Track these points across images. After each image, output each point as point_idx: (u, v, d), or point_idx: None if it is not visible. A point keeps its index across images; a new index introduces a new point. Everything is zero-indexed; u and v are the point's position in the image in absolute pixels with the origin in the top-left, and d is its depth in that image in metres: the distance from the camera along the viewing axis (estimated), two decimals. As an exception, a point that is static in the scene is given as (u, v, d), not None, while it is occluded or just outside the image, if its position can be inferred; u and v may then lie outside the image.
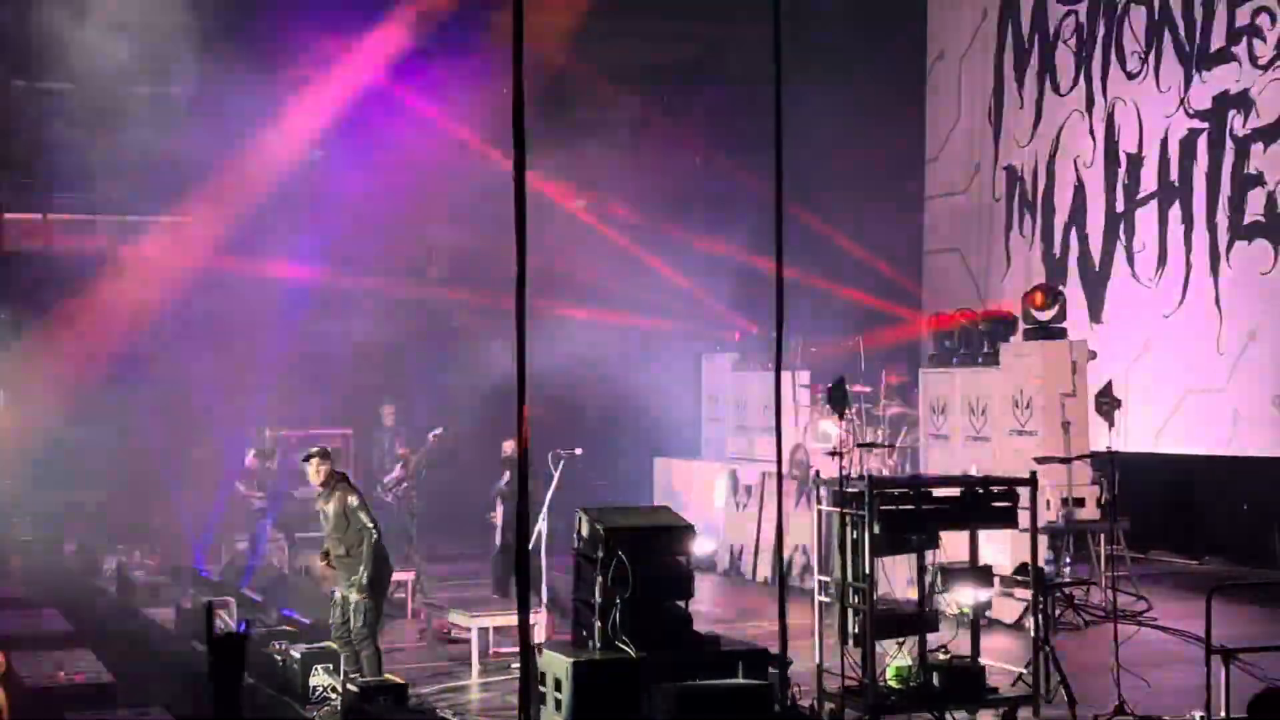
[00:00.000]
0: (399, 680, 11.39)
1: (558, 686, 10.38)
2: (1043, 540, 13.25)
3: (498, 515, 16.46)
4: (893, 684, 10.82)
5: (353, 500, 12.05)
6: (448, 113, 21.79)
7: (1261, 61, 18.27)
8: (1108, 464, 14.43)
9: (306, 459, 12.28)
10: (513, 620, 11.93)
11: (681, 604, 10.88)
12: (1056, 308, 16.52)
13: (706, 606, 15.35)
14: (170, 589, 17.10)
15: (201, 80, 21.23)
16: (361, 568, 11.89)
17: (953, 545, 11.28)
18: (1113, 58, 20.49)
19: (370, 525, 11.93)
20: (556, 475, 13.37)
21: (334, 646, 12.20)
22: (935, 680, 10.78)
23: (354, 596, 11.99)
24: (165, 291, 21.75)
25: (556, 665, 10.45)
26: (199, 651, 14.16)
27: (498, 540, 16.52)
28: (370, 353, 21.78)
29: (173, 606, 15.63)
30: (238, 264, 21.64)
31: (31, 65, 22.93)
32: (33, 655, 14.54)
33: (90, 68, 20.66)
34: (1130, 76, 20.20)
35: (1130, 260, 20.03)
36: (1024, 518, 11.29)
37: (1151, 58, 19.85)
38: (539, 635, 12.44)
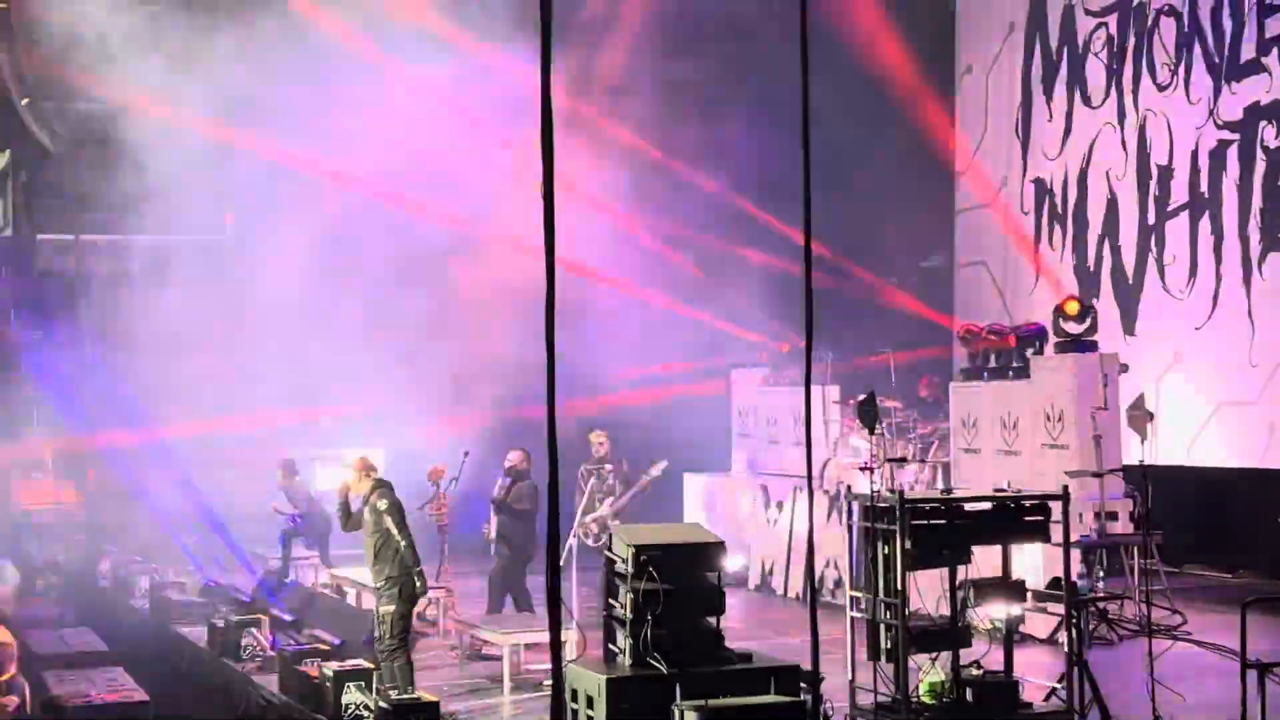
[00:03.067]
0: (431, 697, 11.40)
1: (589, 704, 10.38)
2: (1075, 554, 13.19)
3: (492, 527, 16.24)
4: (926, 700, 10.77)
5: (381, 503, 12.18)
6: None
7: (1293, 73, 18.21)
8: (1140, 477, 14.39)
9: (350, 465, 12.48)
10: (544, 637, 11.95)
11: (712, 620, 10.87)
12: (1088, 321, 16.45)
13: (737, 623, 15.32)
14: (203, 607, 17.15)
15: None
16: (385, 575, 12.06)
17: (985, 560, 11.24)
18: (1144, 70, 20.44)
19: (395, 532, 12.07)
20: (587, 491, 13.38)
21: (366, 664, 12.26)
22: (969, 696, 10.73)
23: (381, 608, 12.07)
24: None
25: (588, 682, 10.45)
26: (232, 669, 14.24)
27: (492, 553, 16.39)
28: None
29: (205, 625, 15.68)
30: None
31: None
32: (67, 674, 14.64)
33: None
34: (1161, 88, 20.14)
35: (1161, 272, 19.96)
36: (1056, 532, 11.24)
37: (1182, 69, 19.79)
38: (570, 652, 12.43)
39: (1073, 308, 16.49)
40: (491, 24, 19.60)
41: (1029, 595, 11.60)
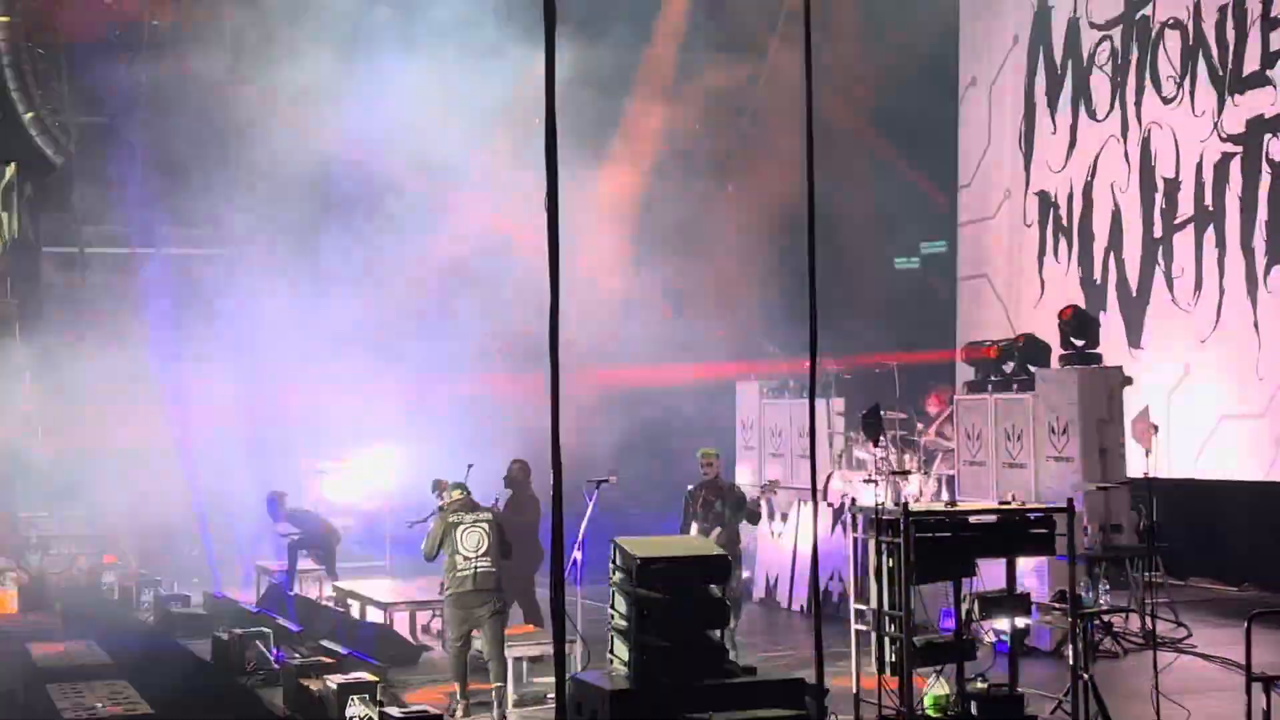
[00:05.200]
0: (434, 710, 11.39)
1: (593, 717, 10.36)
2: (1080, 567, 13.17)
3: None
4: (930, 713, 10.76)
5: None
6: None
7: (1298, 85, 18.22)
8: (1145, 490, 14.37)
9: None
10: (548, 650, 11.94)
11: (716, 633, 10.85)
12: (1090, 333, 16.47)
13: (742, 635, 15.29)
14: (207, 620, 17.14)
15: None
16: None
17: (990, 573, 11.23)
18: (1147, 82, 20.45)
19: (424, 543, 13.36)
20: (591, 504, 13.35)
21: (370, 676, 12.29)
22: (973, 709, 10.72)
23: None
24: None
25: (592, 695, 10.43)
26: (236, 682, 14.23)
27: None
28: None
29: (209, 638, 15.66)
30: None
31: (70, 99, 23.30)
32: (72, 686, 14.63)
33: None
34: (1166, 101, 20.14)
35: (1170, 285, 19.93)
36: (1061, 545, 11.23)
37: (1187, 82, 19.80)
38: (574, 665, 12.42)
39: (1066, 314, 16.53)
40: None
41: (1034, 608, 11.59)
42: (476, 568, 12.90)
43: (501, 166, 20.12)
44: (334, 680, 12.28)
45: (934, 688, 10.86)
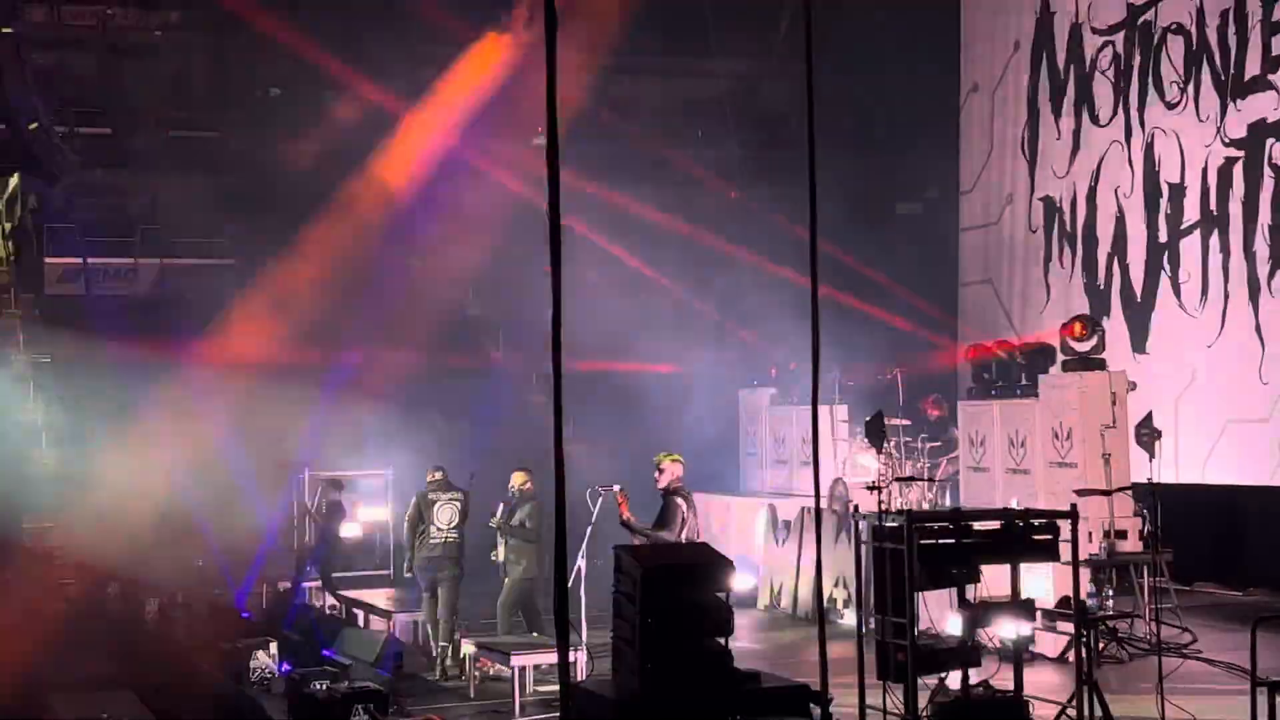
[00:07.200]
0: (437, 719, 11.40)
1: (598, 725, 10.34)
2: (1085, 573, 13.15)
3: (499, 550, 15.97)
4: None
5: None
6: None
7: (1300, 89, 18.20)
8: (1149, 495, 14.35)
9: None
10: (553, 659, 11.94)
11: (721, 641, 10.83)
12: (1095, 339, 16.41)
13: (746, 643, 15.28)
14: (212, 628, 17.12)
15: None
16: None
17: (994, 579, 11.21)
18: (1150, 88, 20.44)
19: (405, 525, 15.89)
20: (595, 512, 13.33)
21: (374, 685, 12.30)
22: (978, 715, 10.69)
23: None
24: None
25: (597, 704, 10.41)
26: (241, 692, 14.23)
27: (502, 576, 16.12)
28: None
29: (214, 647, 15.65)
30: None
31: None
32: (76, 696, 14.63)
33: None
34: (1170, 106, 20.13)
35: (1177, 291, 19.89)
36: (1065, 550, 11.21)
37: (1190, 87, 19.78)
38: (579, 674, 12.41)
39: (1076, 330, 16.42)
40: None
41: (1038, 614, 11.57)
42: (447, 537, 15.51)
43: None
44: (338, 689, 12.28)
45: (938, 694, 10.84)
